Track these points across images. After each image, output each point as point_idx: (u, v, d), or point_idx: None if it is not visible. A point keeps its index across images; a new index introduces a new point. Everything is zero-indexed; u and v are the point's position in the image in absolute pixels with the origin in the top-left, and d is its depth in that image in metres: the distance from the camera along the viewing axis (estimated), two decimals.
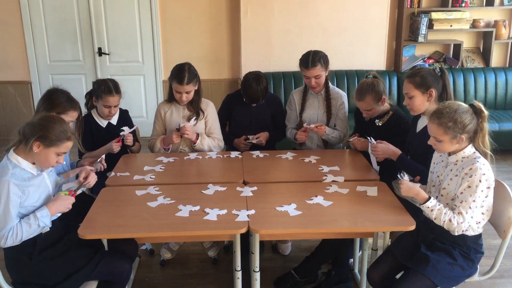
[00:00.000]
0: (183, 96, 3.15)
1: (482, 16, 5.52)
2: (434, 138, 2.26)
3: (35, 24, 5.46)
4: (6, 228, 2.08)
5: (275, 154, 3.23)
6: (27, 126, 2.20)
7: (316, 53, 3.24)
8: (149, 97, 5.78)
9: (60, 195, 2.28)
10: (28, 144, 2.15)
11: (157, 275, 3.12)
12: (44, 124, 2.19)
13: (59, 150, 2.21)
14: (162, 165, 3.01)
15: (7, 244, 2.09)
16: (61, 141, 2.20)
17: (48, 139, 2.17)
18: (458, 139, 2.20)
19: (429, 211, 2.22)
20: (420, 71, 2.71)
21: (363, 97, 2.99)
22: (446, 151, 2.29)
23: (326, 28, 5.31)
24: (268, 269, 3.14)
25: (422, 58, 5.62)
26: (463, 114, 2.18)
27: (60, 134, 2.19)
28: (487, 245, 2.47)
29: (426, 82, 2.65)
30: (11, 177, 2.11)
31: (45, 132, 2.16)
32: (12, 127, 5.69)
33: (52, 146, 2.18)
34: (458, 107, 2.21)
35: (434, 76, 2.68)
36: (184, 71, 3.11)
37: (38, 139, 2.16)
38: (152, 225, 2.27)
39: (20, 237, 2.10)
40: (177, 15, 5.48)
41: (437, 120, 2.21)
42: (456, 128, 2.17)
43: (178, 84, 3.11)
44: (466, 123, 2.18)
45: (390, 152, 2.79)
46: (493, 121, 4.92)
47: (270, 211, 2.37)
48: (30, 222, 2.13)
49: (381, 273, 2.37)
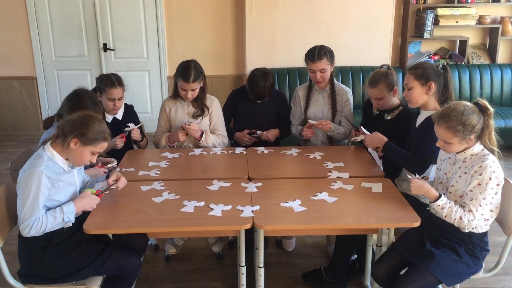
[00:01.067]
0: (189, 93, 3.16)
1: (488, 12, 5.48)
2: (442, 141, 2.25)
3: (41, 19, 5.47)
4: (32, 218, 2.11)
5: (280, 150, 3.22)
6: (67, 122, 2.23)
7: (322, 47, 3.24)
8: (154, 93, 5.79)
9: (87, 193, 2.30)
10: (67, 140, 2.19)
11: (161, 270, 3.13)
12: (85, 122, 2.22)
13: (94, 149, 2.26)
14: (167, 161, 3.01)
15: (30, 234, 2.12)
16: (98, 141, 2.24)
17: (86, 137, 2.20)
18: (468, 139, 2.19)
19: (440, 209, 2.21)
20: (423, 64, 2.71)
21: (376, 84, 2.96)
22: (456, 152, 2.28)
23: (331, 24, 5.29)
24: (272, 264, 3.15)
25: (428, 54, 5.59)
26: (470, 115, 2.17)
27: (98, 133, 2.23)
28: (492, 242, 2.46)
29: (426, 74, 2.64)
30: (45, 169, 2.15)
31: (85, 130, 2.20)
32: (17, 122, 5.77)
33: (89, 144, 2.22)
34: (464, 108, 2.19)
35: (435, 71, 2.67)
36: (190, 69, 3.11)
37: (77, 136, 2.19)
38: (157, 221, 2.27)
39: (43, 228, 2.13)
40: (182, 10, 5.47)
41: (445, 124, 2.19)
42: (465, 131, 2.16)
43: (184, 82, 3.11)
44: (475, 124, 2.17)
45: (378, 140, 2.82)
46: (498, 117, 4.89)
47: (275, 207, 2.38)
48: (55, 215, 2.16)
49: (385, 269, 2.37)
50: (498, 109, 5.15)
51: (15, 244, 2.28)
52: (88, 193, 2.30)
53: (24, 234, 2.12)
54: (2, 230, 2.24)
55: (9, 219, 2.31)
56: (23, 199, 2.12)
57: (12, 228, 2.33)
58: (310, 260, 3.23)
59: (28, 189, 2.11)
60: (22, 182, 2.14)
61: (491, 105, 2.21)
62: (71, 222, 2.24)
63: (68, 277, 2.25)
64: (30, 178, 2.12)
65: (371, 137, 2.87)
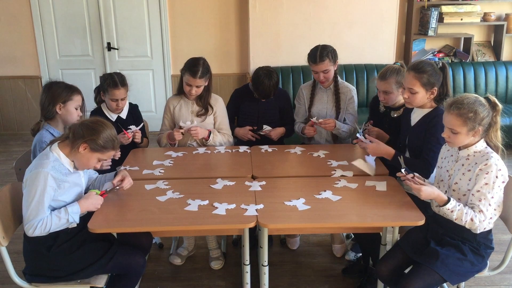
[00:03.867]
0: (193, 89, 3.16)
1: (493, 9, 5.45)
2: (450, 130, 2.23)
3: (45, 19, 5.49)
4: (37, 218, 2.12)
5: (284, 148, 3.22)
6: (79, 126, 2.24)
7: (324, 47, 3.22)
8: (158, 92, 5.80)
9: (92, 194, 2.31)
10: (76, 144, 2.20)
11: (166, 268, 3.14)
12: (97, 128, 2.23)
13: (102, 156, 2.27)
14: (171, 160, 3.02)
15: (35, 234, 2.13)
16: (107, 149, 2.26)
17: (97, 144, 2.21)
18: (475, 131, 2.18)
19: (450, 213, 2.20)
20: (426, 67, 2.62)
21: (386, 77, 2.94)
22: (460, 144, 2.26)
23: (335, 22, 5.28)
24: (277, 263, 3.15)
25: (432, 52, 5.57)
26: (481, 106, 2.17)
27: (108, 142, 2.24)
28: (497, 240, 2.45)
29: (432, 80, 2.60)
30: (51, 170, 2.16)
31: (96, 137, 2.21)
32: (22, 121, 5.79)
33: (97, 151, 2.24)
34: (476, 98, 2.19)
35: (437, 73, 2.63)
36: (198, 65, 3.12)
37: (87, 142, 2.20)
38: (161, 219, 2.28)
39: (48, 228, 2.14)
40: (185, 9, 5.48)
41: (457, 111, 2.17)
42: (476, 119, 2.15)
43: (191, 77, 3.11)
44: (485, 115, 2.17)
45: (383, 152, 2.74)
46: (504, 115, 4.87)
47: (279, 206, 2.38)
48: (60, 216, 2.17)
49: (390, 268, 2.36)
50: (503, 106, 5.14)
51: (20, 243, 2.29)
52: (93, 193, 2.31)
53: (28, 234, 2.13)
54: (7, 229, 2.26)
55: (14, 218, 2.32)
56: (28, 199, 2.13)
57: (17, 227, 2.34)
58: (314, 259, 3.23)
59: (34, 190, 2.12)
60: (28, 182, 2.15)
61: (500, 102, 2.22)
62: (76, 223, 2.25)
63: (73, 276, 2.26)
64: (36, 178, 2.13)
65: (374, 147, 2.77)
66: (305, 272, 3.08)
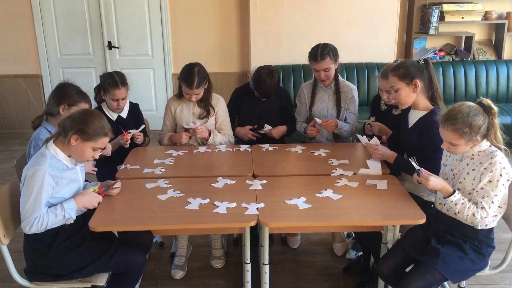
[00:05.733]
0: (193, 97, 3.16)
1: (494, 7, 5.44)
2: (448, 143, 2.24)
3: (45, 17, 5.49)
4: (33, 216, 2.12)
5: (285, 147, 3.22)
6: (67, 119, 2.25)
7: (325, 46, 3.22)
8: (158, 91, 5.80)
9: (89, 191, 2.31)
10: (67, 137, 2.20)
11: (166, 267, 3.14)
12: (84, 118, 2.23)
13: (95, 145, 2.26)
14: (171, 158, 3.02)
15: (31, 231, 2.13)
16: (98, 136, 2.25)
17: (86, 133, 2.21)
18: (474, 140, 2.19)
19: (453, 205, 2.21)
20: (403, 63, 2.66)
21: (387, 76, 2.94)
22: (462, 152, 2.27)
23: (336, 21, 5.27)
24: (277, 262, 3.15)
25: (433, 50, 5.56)
26: (476, 117, 2.16)
27: (98, 129, 2.24)
28: (498, 239, 2.45)
29: (409, 72, 2.60)
30: (48, 167, 2.16)
31: (84, 126, 2.21)
32: (23, 120, 5.79)
33: (89, 140, 2.23)
34: (469, 109, 2.18)
35: (417, 67, 2.63)
36: (193, 75, 3.08)
37: (77, 133, 2.20)
38: (162, 218, 2.28)
39: (44, 225, 2.14)
40: (186, 8, 5.47)
41: (451, 126, 2.18)
42: (472, 132, 2.16)
43: (188, 88, 3.11)
44: (481, 124, 2.17)
45: (389, 156, 2.74)
46: (505, 114, 4.88)
47: (280, 204, 2.37)
48: (56, 213, 2.17)
49: (391, 267, 2.36)
50: (504, 105, 5.14)
51: (21, 242, 2.29)
52: (90, 190, 2.32)
53: (25, 231, 2.14)
54: (8, 228, 2.26)
55: (15, 217, 2.32)
56: (25, 196, 2.13)
57: (18, 226, 2.34)
58: (315, 257, 3.23)
59: (31, 187, 2.12)
60: (26, 180, 2.15)
61: (494, 104, 2.21)
62: (72, 219, 2.25)
63: (73, 274, 2.26)
64: (34, 176, 2.13)
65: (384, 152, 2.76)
66: (306, 271, 3.08)
